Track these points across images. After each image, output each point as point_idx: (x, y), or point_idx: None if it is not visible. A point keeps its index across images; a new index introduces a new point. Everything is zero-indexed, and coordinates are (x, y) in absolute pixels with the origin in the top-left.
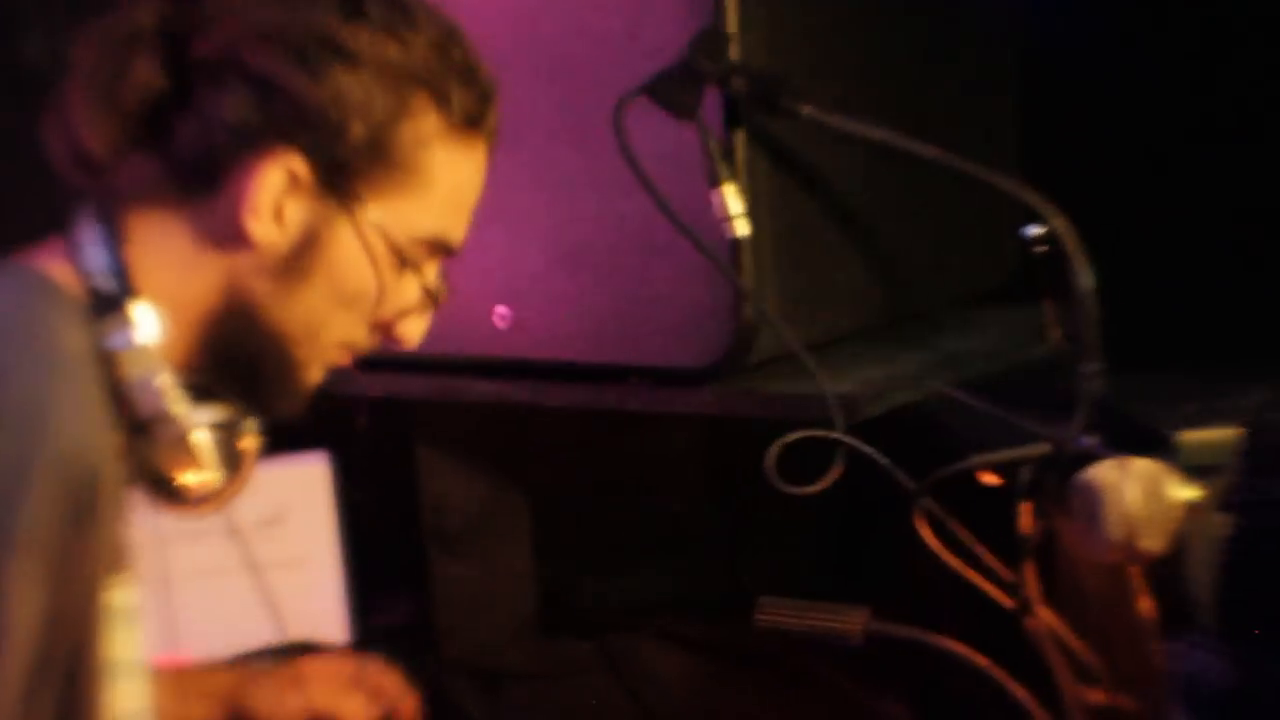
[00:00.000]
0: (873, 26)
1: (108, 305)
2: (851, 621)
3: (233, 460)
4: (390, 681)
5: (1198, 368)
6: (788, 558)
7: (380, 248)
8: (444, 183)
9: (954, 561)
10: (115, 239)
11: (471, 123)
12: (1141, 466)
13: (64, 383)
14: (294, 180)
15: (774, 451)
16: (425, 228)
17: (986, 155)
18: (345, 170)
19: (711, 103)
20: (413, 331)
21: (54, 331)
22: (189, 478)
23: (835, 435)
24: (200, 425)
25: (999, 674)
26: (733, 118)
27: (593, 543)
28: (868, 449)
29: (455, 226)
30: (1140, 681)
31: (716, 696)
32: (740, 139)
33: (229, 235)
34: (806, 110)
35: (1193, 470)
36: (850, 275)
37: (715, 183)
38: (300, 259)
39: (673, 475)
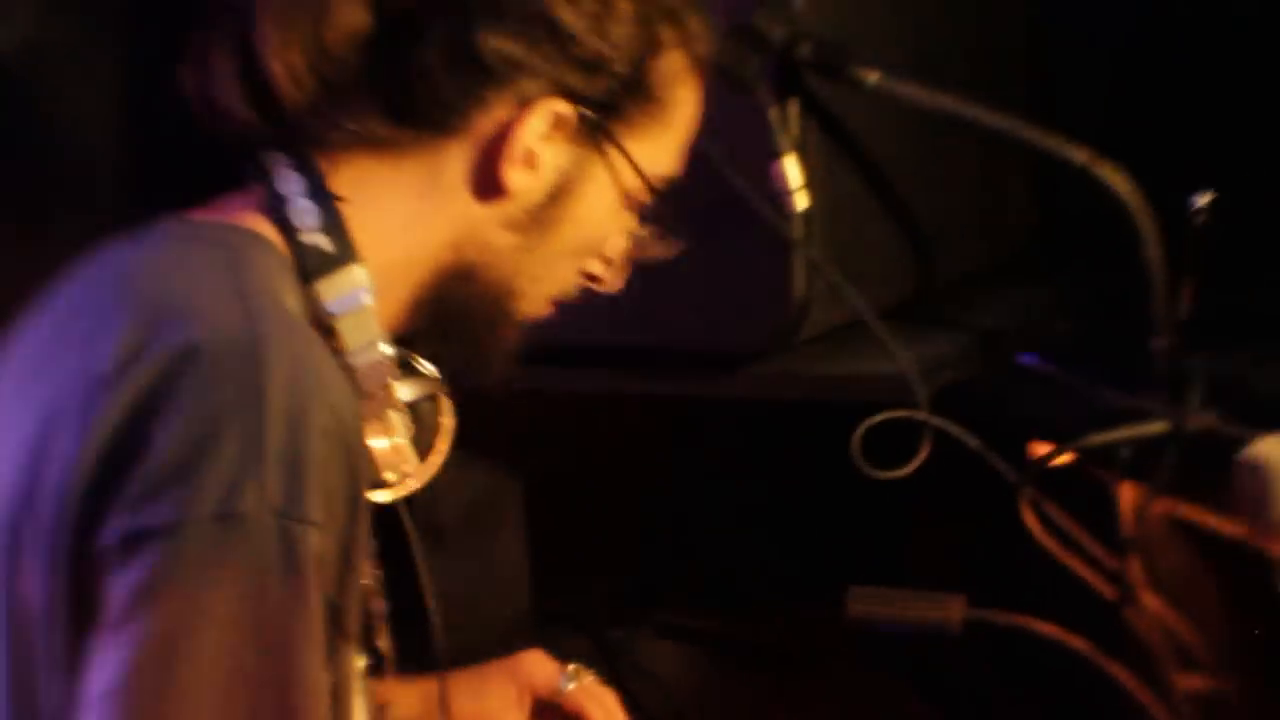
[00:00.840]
0: None
1: (323, 265)
2: (950, 610)
3: (429, 440)
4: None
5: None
6: (796, 546)
7: (631, 192)
8: (683, 120)
9: (1055, 548)
10: (324, 191)
11: (703, 59)
12: None
13: (311, 347)
14: (556, 123)
15: (859, 435)
16: (665, 168)
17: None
18: (609, 111)
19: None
20: (618, 279)
21: (278, 294)
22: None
23: (923, 417)
24: (403, 402)
25: (1099, 658)
26: (786, 86)
27: (591, 534)
28: (956, 430)
29: (679, 166)
30: (1239, 664)
31: (717, 692)
32: (795, 109)
33: (473, 185)
34: (874, 78)
35: None
36: (884, 250)
37: (777, 154)
38: (550, 208)
39: (677, 462)
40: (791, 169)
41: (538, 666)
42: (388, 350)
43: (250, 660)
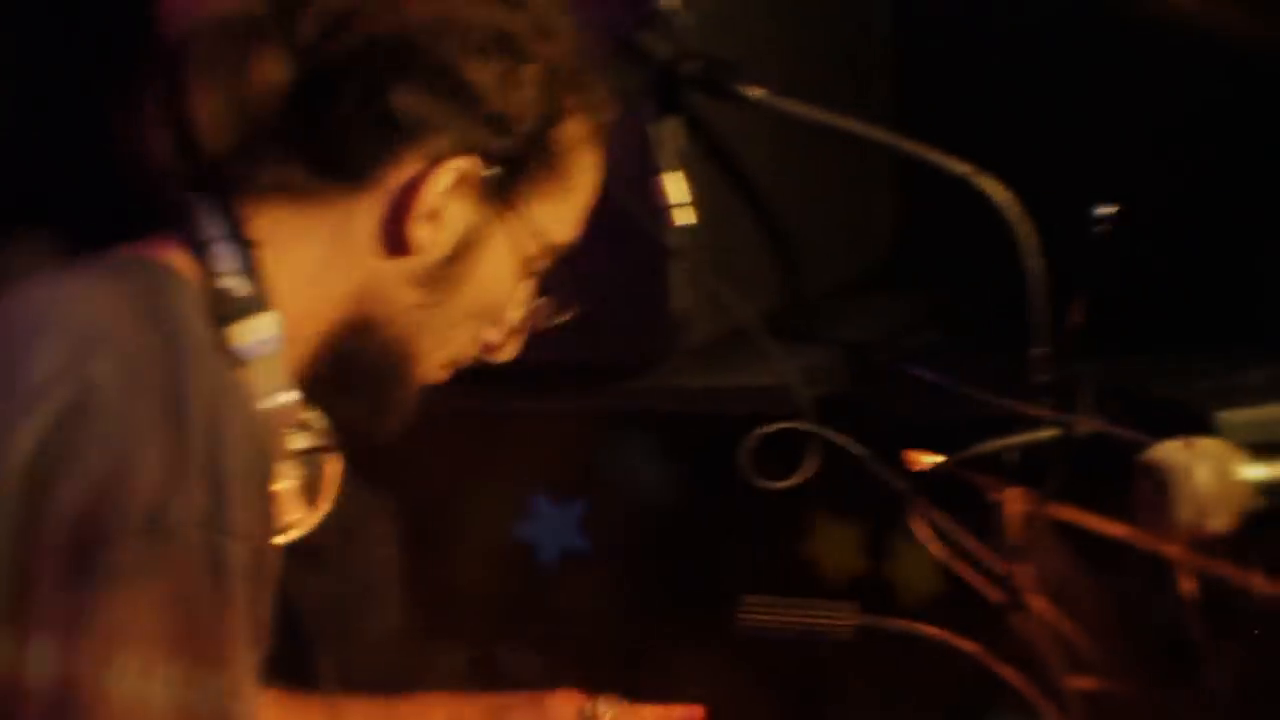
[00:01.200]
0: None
1: (239, 310)
2: (841, 617)
3: (315, 489)
4: None
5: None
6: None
7: (529, 256)
8: (583, 187)
9: (944, 555)
10: (243, 237)
11: (604, 126)
12: (1209, 446)
13: (225, 373)
14: (462, 179)
15: (750, 446)
16: (563, 234)
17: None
18: (513, 170)
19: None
20: (512, 350)
21: (196, 328)
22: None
23: (811, 427)
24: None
25: (989, 660)
26: (667, 103)
27: (465, 548)
28: (843, 439)
29: (576, 234)
30: (1127, 665)
31: None
32: (675, 125)
33: (380, 238)
34: (758, 95)
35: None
36: (754, 264)
37: (659, 170)
38: (452, 266)
39: (548, 476)
40: (673, 184)
41: (563, 705)
42: (292, 397)
43: (183, 671)
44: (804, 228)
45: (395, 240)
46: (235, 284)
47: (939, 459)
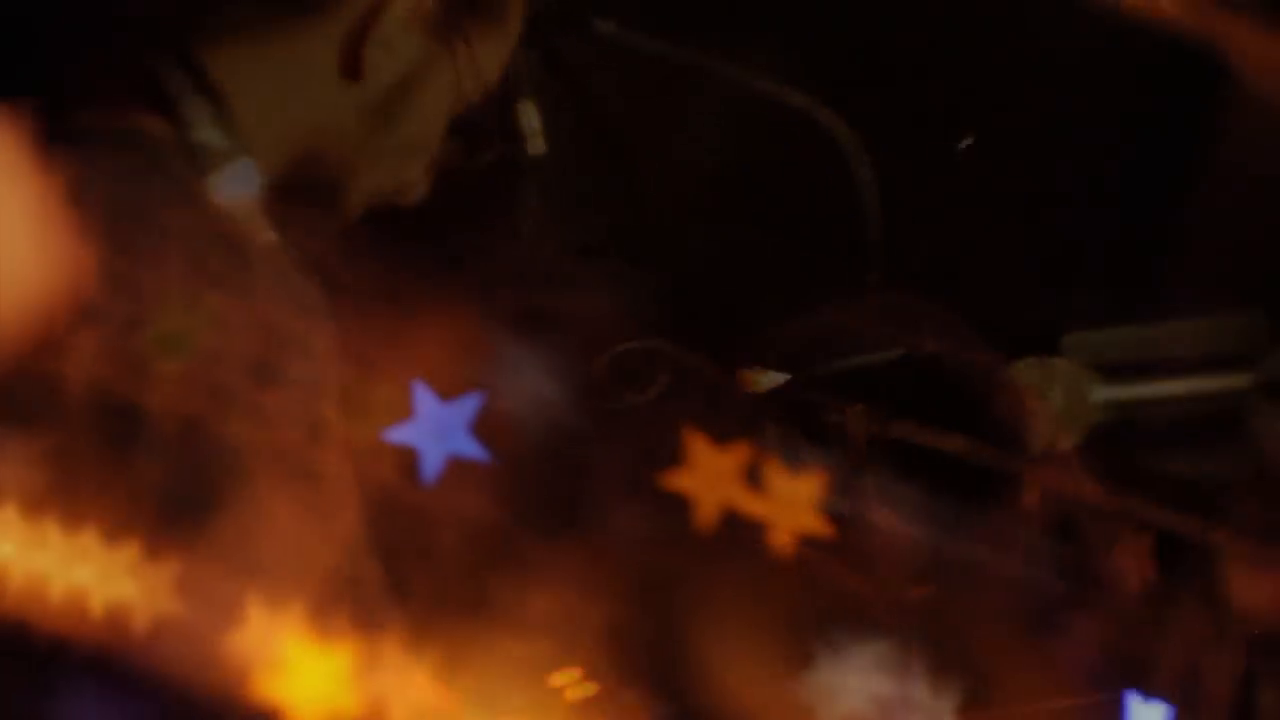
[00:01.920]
0: None
1: (217, 160)
2: None
3: None
4: None
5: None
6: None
7: (464, 94)
8: (513, 34)
9: (790, 469)
10: (211, 87)
11: None
12: (1063, 366)
13: None
14: (416, 9)
15: (604, 362)
16: (491, 77)
17: None
18: (464, 5)
19: None
20: (417, 195)
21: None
22: None
23: (662, 346)
24: None
25: (831, 566)
26: (524, 38)
27: None
28: (695, 359)
29: (497, 81)
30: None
31: None
32: (531, 56)
33: (335, 64)
34: (610, 29)
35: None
36: (597, 193)
37: (518, 99)
38: (397, 96)
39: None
40: (529, 114)
41: None
42: (273, 238)
43: None
44: (643, 157)
45: (349, 66)
46: (209, 136)
47: (776, 378)
